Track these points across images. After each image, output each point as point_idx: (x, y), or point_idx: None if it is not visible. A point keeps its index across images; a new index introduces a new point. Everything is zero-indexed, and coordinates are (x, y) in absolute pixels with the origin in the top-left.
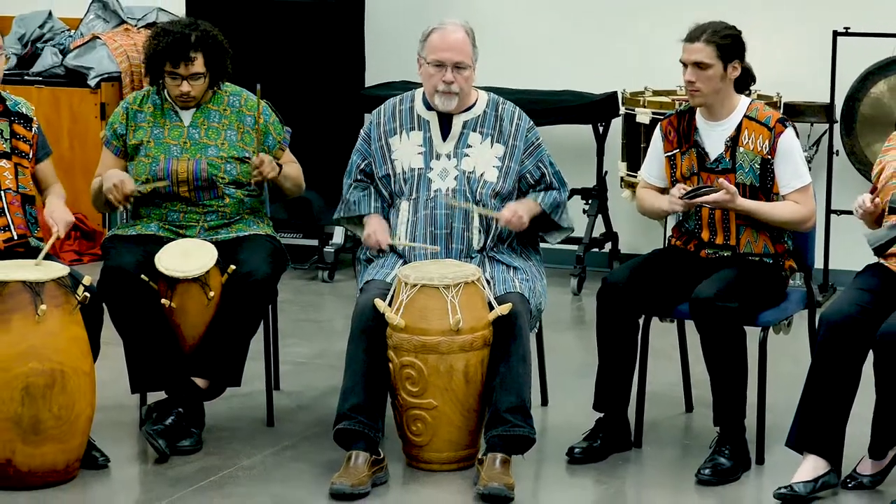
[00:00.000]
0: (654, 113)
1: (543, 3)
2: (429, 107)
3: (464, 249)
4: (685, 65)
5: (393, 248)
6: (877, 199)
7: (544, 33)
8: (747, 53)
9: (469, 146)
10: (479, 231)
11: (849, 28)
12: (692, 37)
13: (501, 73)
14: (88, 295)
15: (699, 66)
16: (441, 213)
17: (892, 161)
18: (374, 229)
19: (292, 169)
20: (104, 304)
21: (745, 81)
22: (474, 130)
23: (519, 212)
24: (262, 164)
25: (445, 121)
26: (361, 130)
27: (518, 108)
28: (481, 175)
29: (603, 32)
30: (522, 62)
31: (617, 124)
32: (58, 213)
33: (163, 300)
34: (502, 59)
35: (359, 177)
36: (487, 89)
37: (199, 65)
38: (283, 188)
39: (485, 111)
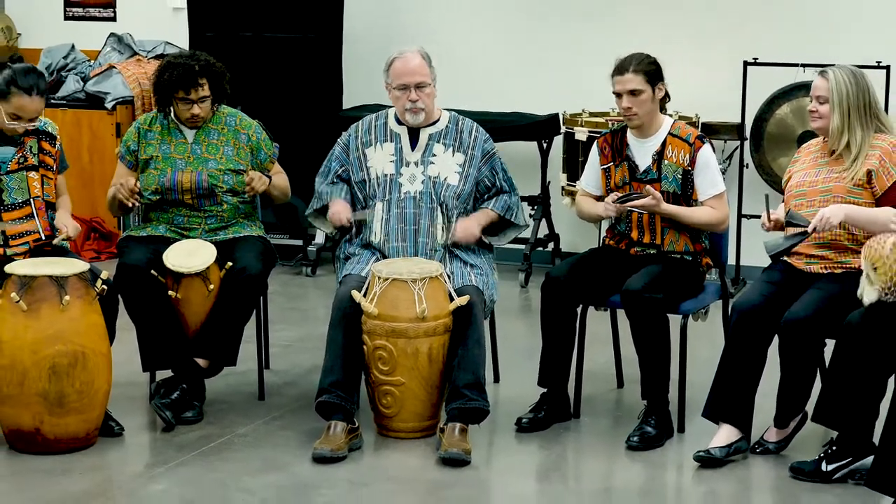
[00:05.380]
0: (590, 131)
1: (495, 36)
2: (399, 122)
3: (429, 242)
4: (619, 95)
5: (356, 225)
6: (774, 218)
7: (496, 63)
8: (670, 81)
9: (434, 155)
10: (443, 228)
11: (757, 58)
12: (621, 69)
13: (459, 97)
14: (106, 287)
15: (633, 93)
16: (410, 211)
17: (798, 171)
18: (338, 209)
19: (280, 179)
20: (119, 296)
21: (662, 101)
22: (438, 142)
23: (470, 228)
24: (253, 181)
25: (414, 134)
26: (339, 140)
27: (476, 123)
28: (445, 179)
29: (546, 62)
30: (477, 87)
31: (558, 141)
32: (68, 222)
33: (170, 292)
34: (459, 85)
35: (334, 180)
36: (447, 111)
37: (205, 89)
38: (273, 196)
39: (447, 126)
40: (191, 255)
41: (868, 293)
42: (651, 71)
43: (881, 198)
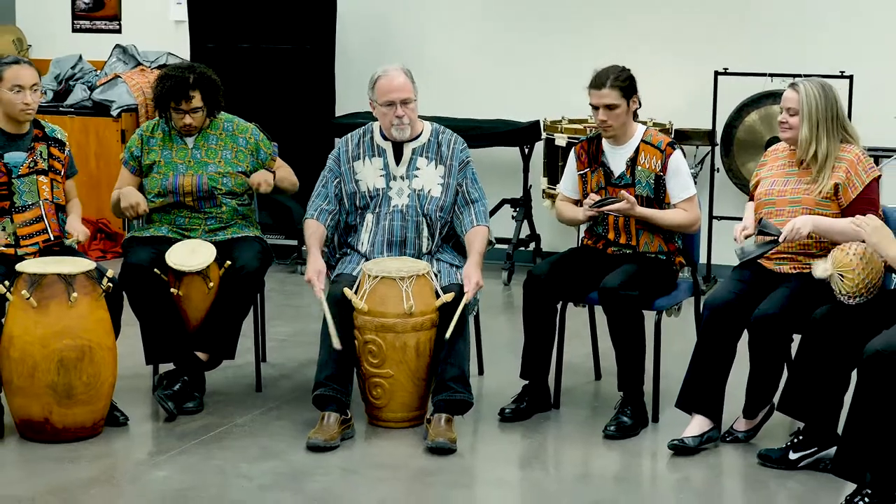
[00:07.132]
0: (569, 138)
1: (481, 48)
2: (385, 137)
3: (414, 254)
4: (595, 107)
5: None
6: (748, 230)
7: (481, 73)
8: (645, 90)
9: (418, 168)
10: (427, 239)
11: (727, 68)
12: (598, 84)
13: (446, 105)
14: (111, 285)
15: (609, 107)
16: (397, 224)
17: (766, 177)
18: (314, 275)
19: (285, 171)
20: (124, 293)
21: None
22: (421, 156)
23: (477, 279)
24: (259, 186)
25: (398, 148)
26: (331, 155)
27: (455, 134)
28: (429, 192)
29: (528, 72)
30: (463, 96)
31: (539, 147)
32: (78, 227)
33: (171, 289)
34: (447, 94)
35: (326, 203)
36: (435, 119)
37: (197, 101)
38: (283, 188)
39: (429, 139)
40: (191, 254)
41: (820, 270)
42: (626, 86)
43: (846, 209)
